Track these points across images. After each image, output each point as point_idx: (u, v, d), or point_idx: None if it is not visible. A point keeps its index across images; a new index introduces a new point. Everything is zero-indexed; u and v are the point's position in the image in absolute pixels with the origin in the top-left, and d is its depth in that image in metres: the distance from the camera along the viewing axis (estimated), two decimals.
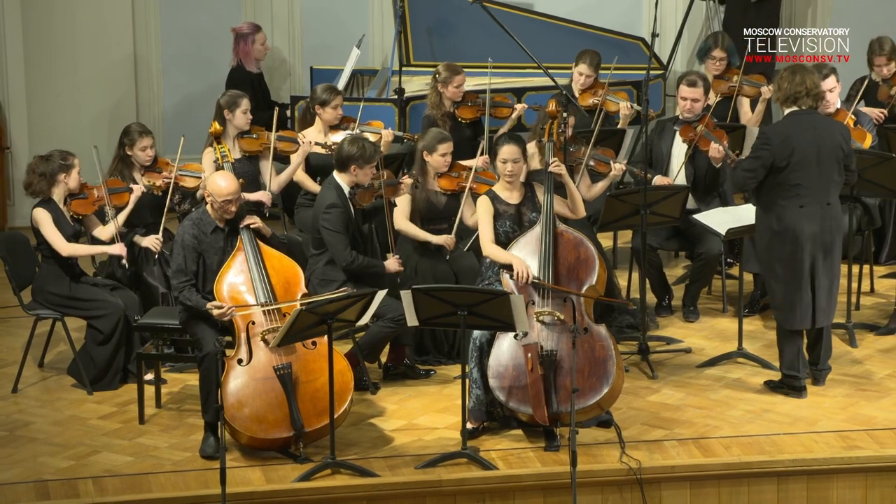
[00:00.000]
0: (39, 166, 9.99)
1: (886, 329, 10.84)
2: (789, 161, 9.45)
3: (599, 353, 9.19)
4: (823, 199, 9.54)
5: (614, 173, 10.81)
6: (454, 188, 10.41)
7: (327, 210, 9.80)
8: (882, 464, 9.10)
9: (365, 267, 9.82)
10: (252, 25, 12.85)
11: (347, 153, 9.85)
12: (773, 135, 9.58)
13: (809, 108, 9.62)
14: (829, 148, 9.55)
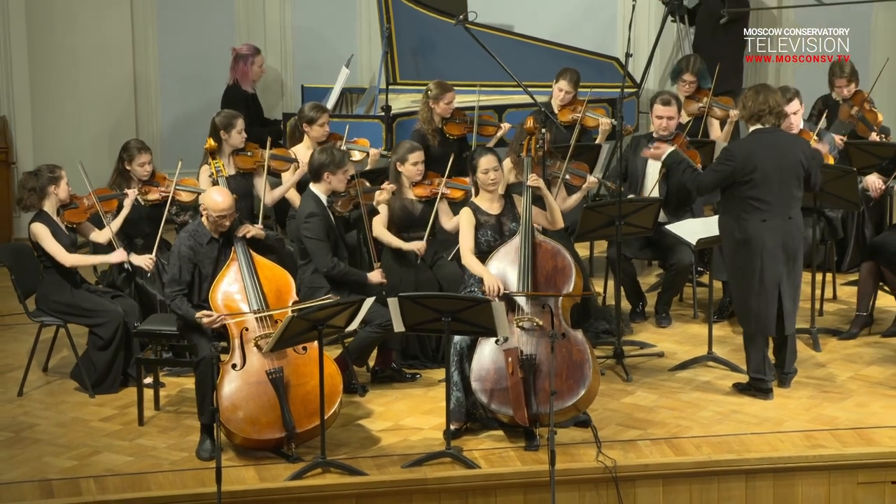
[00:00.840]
0: (29, 182, 9.98)
1: (848, 334, 10.85)
2: (752, 177, 9.47)
3: (577, 357, 9.20)
4: (785, 213, 9.56)
5: (587, 185, 10.83)
6: (428, 195, 10.42)
7: (307, 219, 9.82)
8: (844, 462, 9.11)
9: (346, 274, 9.82)
10: (252, 48, 12.84)
11: (319, 162, 9.87)
12: (737, 151, 9.60)
13: (773, 125, 9.65)
14: (791, 164, 9.58)
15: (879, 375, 10.21)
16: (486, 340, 9.16)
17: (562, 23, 13.52)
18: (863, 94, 11.88)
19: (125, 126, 13.15)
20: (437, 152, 11.24)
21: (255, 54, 12.80)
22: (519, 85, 11.92)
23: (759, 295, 9.58)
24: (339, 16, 13.63)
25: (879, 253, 10.74)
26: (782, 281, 9.58)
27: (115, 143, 12.70)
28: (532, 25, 13.21)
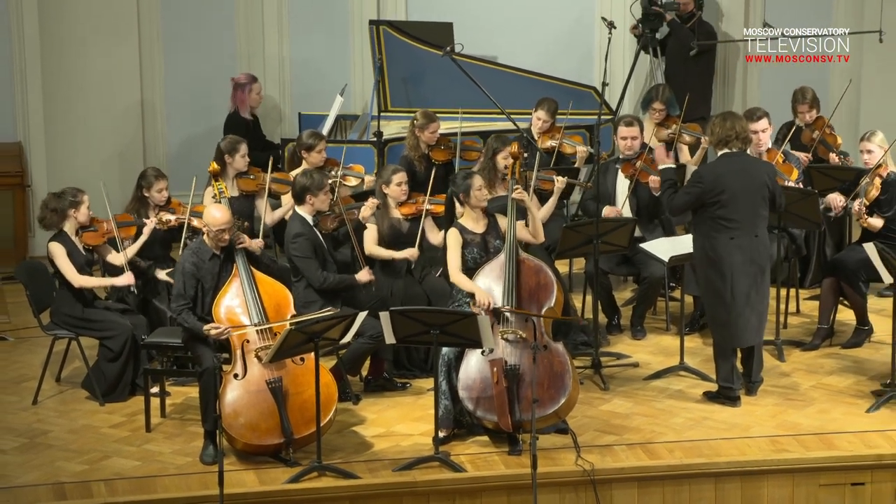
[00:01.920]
0: (52, 202, 9.98)
1: (811, 345, 10.86)
2: (720, 198, 9.48)
3: (558, 367, 9.20)
4: (752, 231, 9.57)
5: (558, 186, 10.84)
6: (414, 213, 10.43)
7: (293, 240, 9.83)
8: (807, 465, 9.12)
9: (338, 283, 9.82)
10: (249, 77, 12.84)
11: (301, 185, 9.89)
12: (706, 173, 9.62)
13: (739, 149, 9.67)
14: (757, 186, 9.59)
15: (840, 384, 10.21)
16: (473, 351, 9.15)
17: (542, 54, 13.54)
18: (823, 120, 11.91)
19: (133, 150, 13.15)
20: (423, 176, 11.24)
21: (252, 83, 12.81)
22: (502, 112, 11.93)
23: (730, 308, 9.59)
24: (334, 47, 13.63)
25: (839, 270, 10.75)
26: (750, 295, 9.59)
27: (125, 166, 12.77)
28: (515, 56, 13.23)
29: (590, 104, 12.65)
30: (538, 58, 13.34)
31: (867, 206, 10.51)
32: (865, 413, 9.71)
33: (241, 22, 13.39)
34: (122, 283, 10.02)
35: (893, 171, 10.64)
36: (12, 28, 12.73)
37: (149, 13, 13.13)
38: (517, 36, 13.65)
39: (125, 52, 13.06)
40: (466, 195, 9.63)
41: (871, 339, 10.89)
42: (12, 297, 11.72)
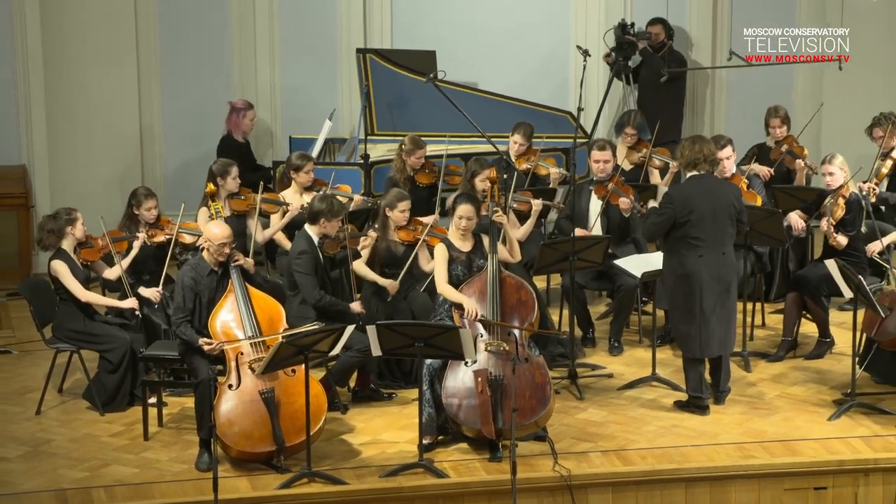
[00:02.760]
0: (48, 224, 9.97)
1: (775, 357, 10.87)
2: (690, 217, 9.51)
3: (539, 379, 9.21)
4: (719, 249, 9.60)
5: (535, 208, 10.87)
6: (411, 239, 10.43)
7: (298, 256, 9.83)
8: (772, 470, 9.14)
9: (331, 305, 9.81)
10: (246, 103, 12.83)
11: (318, 209, 9.88)
12: (676, 195, 9.65)
13: (707, 171, 9.70)
14: (724, 206, 9.63)
15: (803, 393, 10.24)
16: (459, 362, 9.16)
17: (521, 80, 13.56)
18: (792, 137, 11.98)
19: (132, 172, 13.14)
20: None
21: (247, 109, 12.81)
22: (483, 136, 11.95)
23: (700, 322, 9.61)
24: (323, 74, 13.64)
25: (802, 285, 10.78)
26: (717, 310, 9.61)
27: (125, 188, 12.71)
28: (495, 83, 13.25)
29: (566, 128, 12.68)
30: (517, 84, 13.36)
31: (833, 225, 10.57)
32: (827, 421, 9.72)
33: (234, 50, 13.39)
34: (127, 305, 10.01)
35: (855, 192, 10.68)
36: (17, 56, 12.72)
37: (147, 42, 13.13)
38: (497, 63, 13.67)
39: (124, 79, 13.06)
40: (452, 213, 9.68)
41: (833, 351, 10.92)
42: (16, 312, 11.70)
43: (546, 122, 12.61)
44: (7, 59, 12.73)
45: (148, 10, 13.07)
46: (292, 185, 11.22)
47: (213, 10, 13.24)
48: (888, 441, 9.32)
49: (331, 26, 13.52)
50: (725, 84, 14.03)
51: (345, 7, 13.48)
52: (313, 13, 13.47)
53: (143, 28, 13.07)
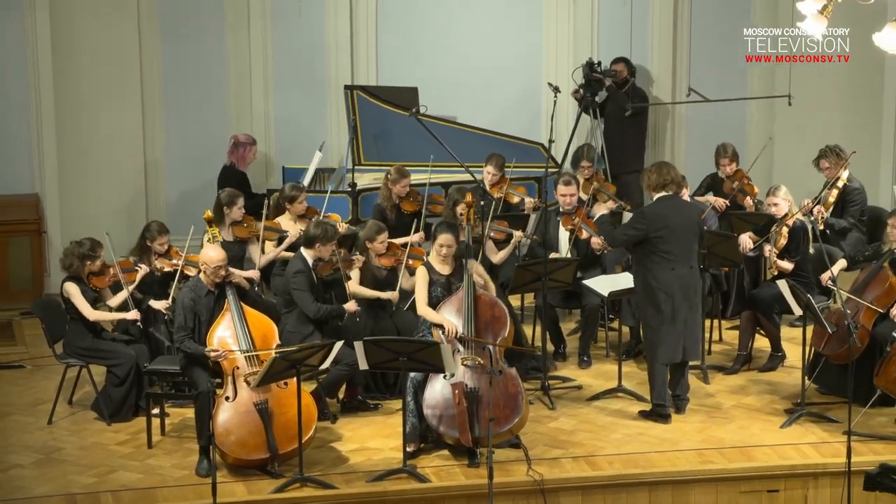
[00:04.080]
0: (75, 250, 9.95)
1: (731, 370, 10.89)
2: (661, 233, 9.57)
3: (511, 389, 9.22)
4: (687, 263, 9.66)
5: (515, 238, 10.88)
6: (392, 264, 10.45)
7: (295, 275, 9.85)
8: (729, 475, 9.17)
9: (329, 312, 9.84)
10: (250, 137, 12.78)
11: (313, 234, 9.92)
12: (649, 212, 9.72)
13: (674, 192, 9.78)
14: (691, 224, 9.72)
15: (757, 403, 10.26)
16: (437, 375, 9.17)
17: (497, 114, 13.57)
18: (742, 172, 12.01)
19: (138, 200, 13.12)
20: (394, 223, 11.30)
21: (252, 144, 12.75)
22: (462, 165, 11.97)
23: (669, 330, 9.64)
24: (313, 108, 13.63)
25: (756, 303, 10.82)
26: (686, 319, 9.66)
27: (131, 214, 12.75)
28: (472, 117, 13.26)
29: (538, 159, 12.69)
30: (493, 118, 13.37)
31: (777, 252, 10.62)
32: (779, 429, 9.75)
33: (231, 86, 13.38)
34: (131, 317, 10.01)
35: (799, 220, 10.74)
36: (30, 93, 12.70)
37: (151, 79, 13.12)
38: (475, 99, 13.68)
39: (130, 113, 13.04)
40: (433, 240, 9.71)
41: (784, 364, 10.93)
42: (29, 330, 11.67)
43: (520, 153, 12.62)
44: (21, 96, 12.71)
45: (151, 50, 13.07)
46: (286, 213, 11.24)
47: (211, 49, 13.24)
48: (835, 447, 9.34)
49: (320, 64, 13.53)
50: (684, 119, 14.08)
51: (333, 46, 13.49)
52: (304, 52, 13.48)
53: (146, 67, 13.06)
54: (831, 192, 11.74)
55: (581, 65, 13.52)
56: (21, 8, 12.56)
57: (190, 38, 13.16)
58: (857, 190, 11.80)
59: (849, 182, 11.79)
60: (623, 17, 13.73)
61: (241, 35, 13.28)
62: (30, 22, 12.58)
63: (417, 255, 10.51)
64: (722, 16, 13.92)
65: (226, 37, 13.26)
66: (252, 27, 13.26)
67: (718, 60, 13.94)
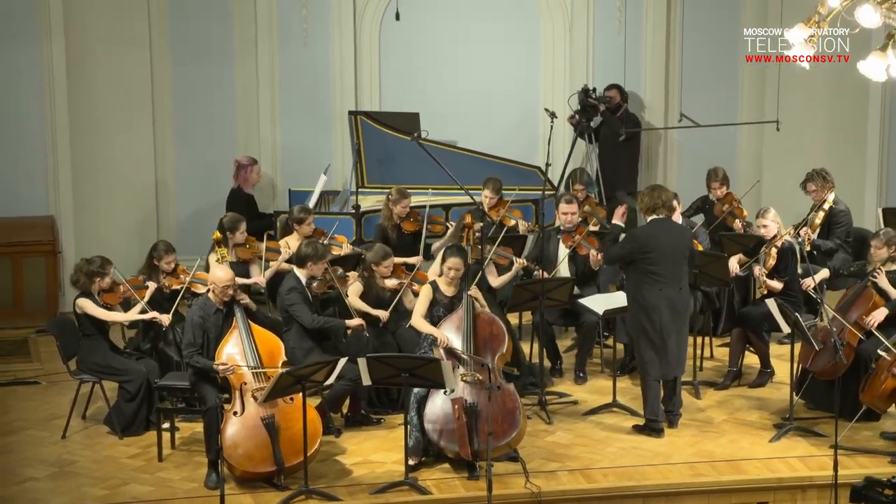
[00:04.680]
0: (84, 267, 9.99)
1: (722, 385, 10.90)
2: (650, 255, 9.58)
3: (509, 405, 9.22)
4: (677, 284, 9.67)
5: (517, 266, 10.90)
6: (396, 287, 10.46)
7: (288, 292, 9.88)
8: (720, 487, 9.16)
9: (326, 324, 9.85)
10: (250, 159, 12.84)
11: (304, 253, 9.96)
12: (640, 233, 9.74)
13: (665, 216, 9.79)
14: (681, 247, 9.72)
15: (747, 418, 10.26)
16: (438, 391, 9.17)
17: (495, 139, 13.60)
18: (732, 195, 12.03)
19: (149, 221, 13.14)
20: (395, 243, 11.31)
21: (253, 164, 12.82)
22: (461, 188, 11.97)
23: (659, 348, 9.65)
24: (318, 133, 13.67)
25: (746, 321, 10.83)
26: (676, 338, 9.67)
27: (142, 235, 12.75)
28: (472, 141, 13.29)
29: (535, 181, 12.72)
30: (492, 142, 13.40)
31: (766, 272, 10.64)
32: (769, 443, 9.75)
33: (239, 112, 13.42)
34: (148, 317, 10.03)
35: (788, 240, 10.76)
36: (46, 118, 12.74)
37: (162, 106, 13.16)
38: (474, 124, 13.71)
39: (142, 138, 13.08)
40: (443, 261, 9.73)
41: (773, 380, 10.93)
42: (45, 347, 11.68)
43: (518, 176, 12.65)
44: (37, 122, 12.75)
45: (163, 77, 13.11)
46: (294, 234, 11.31)
47: (220, 76, 13.28)
48: (822, 460, 9.34)
49: (325, 91, 13.57)
50: (676, 143, 14.11)
51: (338, 74, 13.53)
52: (310, 79, 13.52)
53: (158, 93, 13.10)
54: (818, 215, 11.75)
55: (576, 91, 13.57)
56: (37, 37, 12.61)
57: (200, 65, 13.20)
58: (842, 212, 11.82)
59: (835, 204, 11.81)
60: (617, 46, 13.78)
61: (248, 63, 13.32)
62: (46, 50, 12.63)
63: (421, 279, 10.53)
64: (713, 44, 13.96)
65: (234, 65, 13.30)
66: (259, 56, 13.31)
67: (709, 87, 13.98)
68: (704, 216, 12.17)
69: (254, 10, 13.22)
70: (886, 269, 10.05)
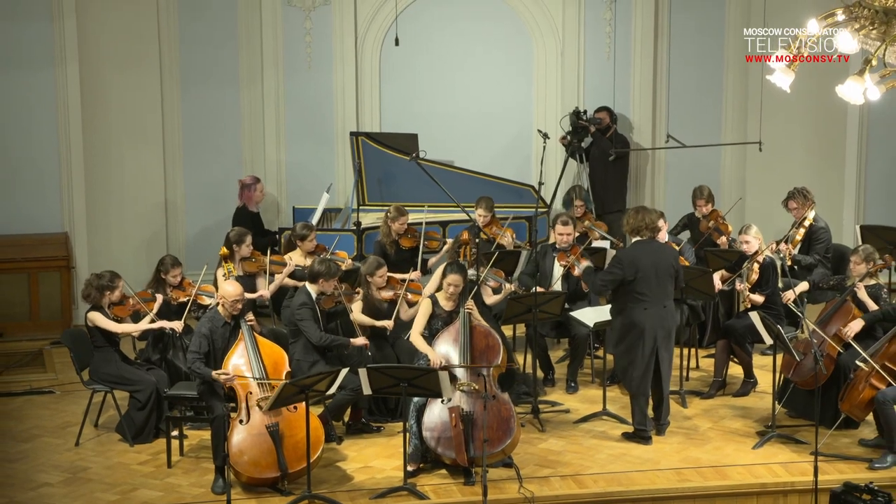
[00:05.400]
0: (95, 281, 10.01)
1: (707, 394, 10.91)
2: (636, 276, 9.59)
3: (504, 413, 9.23)
4: (661, 302, 9.68)
5: (506, 291, 10.86)
6: (392, 298, 10.48)
7: (299, 308, 9.88)
8: (706, 492, 9.17)
9: (332, 342, 9.86)
10: (253, 178, 12.87)
11: (317, 270, 9.97)
12: (624, 257, 9.73)
13: (648, 237, 9.79)
14: (665, 267, 9.72)
15: (732, 426, 10.26)
16: (435, 400, 9.18)
17: (491, 158, 13.62)
18: (717, 212, 12.06)
19: (158, 238, 13.15)
20: (393, 258, 11.33)
21: (256, 183, 12.84)
22: (458, 206, 12.01)
23: (642, 365, 9.67)
24: (321, 153, 13.68)
25: (730, 333, 10.84)
26: (659, 353, 9.68)
27: (151, 251, 12.75)
28: (468, 160, 13.31)
29: (529, 199, 12.73)
30: (487, 161, 13.43)
31: (749, 287, 10.66)
32: (752, 449, 9.76)
33: (245, 133, 13.44)
34: (157, 326, 10.05)
35: (769, 256, 10.78)
36: (61, 140, 12.76)
37: (171, 127, 13.18)
38: (470, 144, 13.73)
39: (152, 158, 13.10)
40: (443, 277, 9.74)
41: (756, 390, 10.94)
42: (59, 358, 11.68)
43: (512, 195, 12.68)
44: (52, 143, 12.77)
45: (172, 100, 13.13)
46: (297, 250, 11.32)
47: (227, 100, 13.30)
48: (803, 466, 9.35)
49: (328, 113, 13.59)
50: (663, 163, 14.14)
51: (340, 97, 13.56)
52: (313, 101, 13.55)
53: (167, 116, 13.12)
54: (798, 231, 11.78)
55: (568, 113, 13.60)
56: (53, 62, 12.65)
57: (208, 89, 13.23)
58: (822, 229, 11.85)
59: (815, 221, 11.83)
60: (607, 69, 13.81)
61: (254, 87, 13.35)
62: (61, 75, 12.66)
63: (415, 289, 10.55)
64: (698, 68, 14.01)
65: (241, 88, 13.33)
66: (265, 80, 13.34)
67: (695, 109, 14.02)
68: (690, 233, 12.20)
69: (260, 36, 13.26)
70: (865, 284, 10.09)
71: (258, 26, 13.23)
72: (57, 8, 12.56)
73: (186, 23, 13.08)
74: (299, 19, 13.35)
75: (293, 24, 13.34)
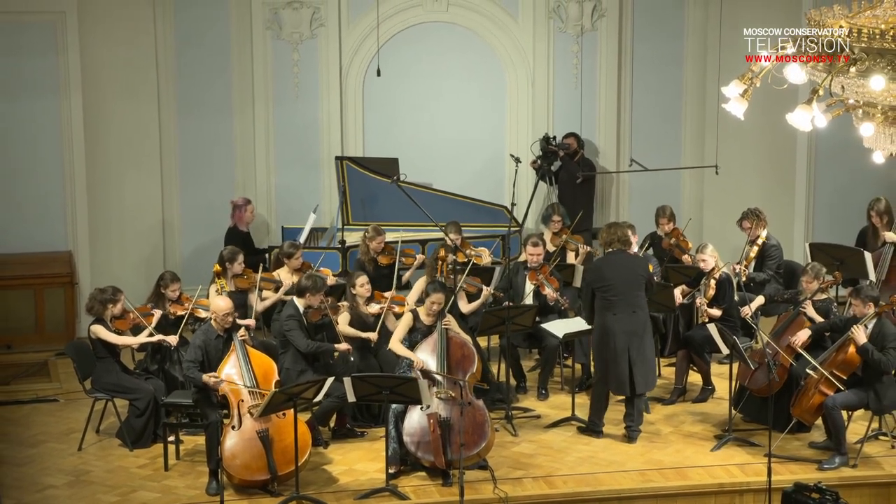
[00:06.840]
0: (98, 295, 9.99)
1: (669, 401, 10.92)
2: (603, 284, 9.66)
3: (479, 419, 9.24)
4: (630, 308, 9.74)
5: (485, 294, 10.89)
6: (378, 312, 10.47)
7: (287, 320, 9.88)
8: (667, 492, 9.21)
9: (318, 348, 9.84)
10: (244, 199, 12.83)
11: (304, 285, 9.95)
12: (592, 267, 9.88)
13: (618, 249, 9.87)
14: (633, 276, 9.81)
15: (691, 430, 10.29)
16: (415, 406, 9.18)
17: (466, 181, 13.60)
18: (678, 230, 12.09)
19: (156, 256, 13.11)
20: (372, 275, 11.27)
21: (247, 204, 12.79)
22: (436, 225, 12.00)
23: (615, 365, 9.71)
24: (309, 177, 13.66)
25: (689, 343, 10.87)
26: (633, 356, 9.70)
27: (150, 268, 12.70)
28: (445, 182, 13.31)
29: (502, 219, 12.73)
30: (463, 184, 13.42)
31: (707, 302, 10.70)
32: (710, 452, 9.79)
33: (238, 157, 13.41)
34: (155, 340, 10.02)
35: (725, 272, 10.83)
36: (65, 164, 12.72)
37: (169, 152, 13.14)
38: (447, 167, 13.72)
39: (150, 181, 13.06)
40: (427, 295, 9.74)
41: (714, 396, 10.96)
42: (63, 368, 11.62)
43: (486, 215, 12.69)
44: (57, 167, 12.72)
45: (169, 127, 13.11)
46: (284, 267, 11.29)
47: (220, 127, 13.28)
48: (757, 468, 9.38)
49: (315, 139, 13.57)
50: (627, 185, 14.17)
51: (326, 124, 13.55)
52: (301, 128, 13.53)
53: (165, 141, 13.09)
54: (752, 249, 11.81)
55: (538, 139, 13.63)
56: (57, 93, 12.63)
57: (203, 117, 13.21)
58: (774, 247, 11.88)
59: (767, 240, 11.87)
60: (574, 98, 13.86)
61: (246, 115, 13.34)
62: (65, 103, 12.63)
63: (400, 301, 10.54)
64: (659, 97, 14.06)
65: (233, 116, 13.31)
66: (256, 108, 13.33)
67: (656, 135, 14.06)
68: (653, 250, 12.22)
69: (251, 67, 13.26)
70: (816, 299, 10.13)
71: (249, 59, 13.23)
72: (62, 42, 12.55)
73: (183, 55, 13.07)
74: (287, 52, 13.36)
75: (282, 57, 13.34)
